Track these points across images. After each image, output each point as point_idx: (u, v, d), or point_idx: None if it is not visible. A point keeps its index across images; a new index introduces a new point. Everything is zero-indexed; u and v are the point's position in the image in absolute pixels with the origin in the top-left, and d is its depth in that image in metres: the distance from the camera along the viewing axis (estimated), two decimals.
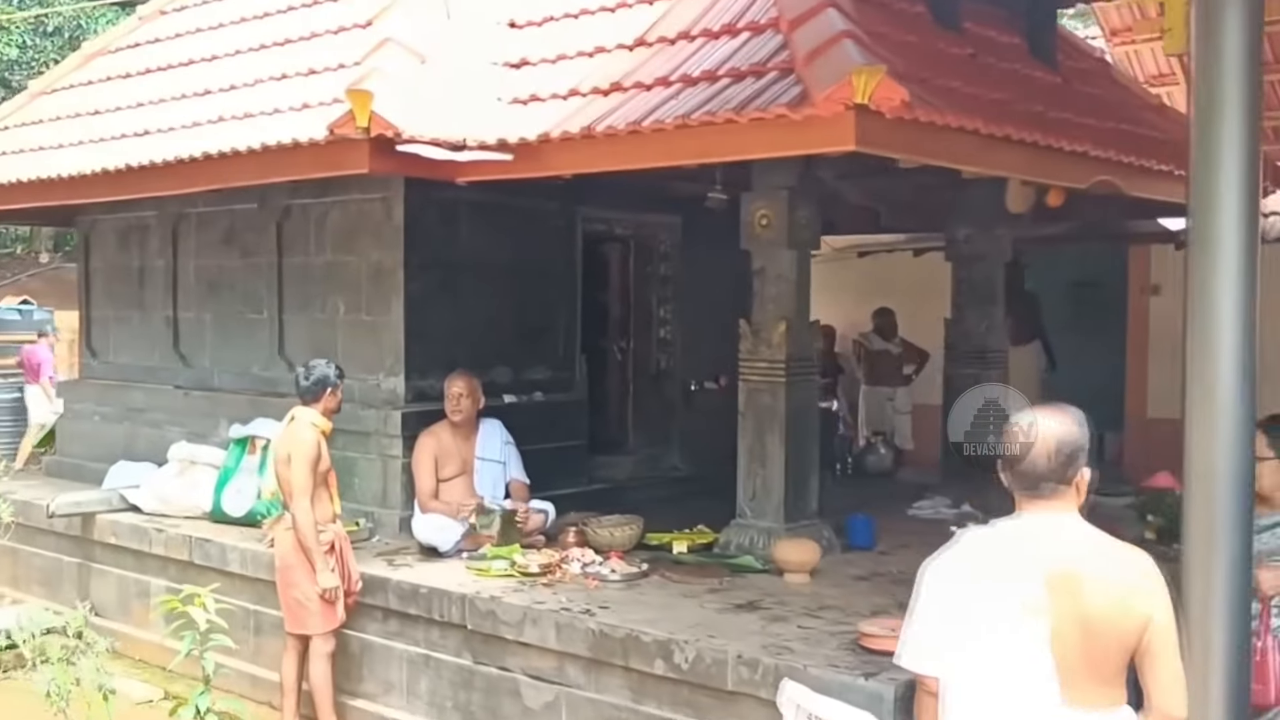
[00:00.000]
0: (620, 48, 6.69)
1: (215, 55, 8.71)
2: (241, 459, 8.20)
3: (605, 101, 6.22)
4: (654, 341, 9.72)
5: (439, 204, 7.85)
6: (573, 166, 6.24)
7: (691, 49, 6.29)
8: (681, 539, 7.25)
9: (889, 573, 6.79)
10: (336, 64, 7.37)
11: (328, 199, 8.17)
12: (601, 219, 9.07)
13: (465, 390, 7.34)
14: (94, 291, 10.23)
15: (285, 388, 8.43)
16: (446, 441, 7.37)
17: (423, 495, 7.26)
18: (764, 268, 7.01)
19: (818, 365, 7.45)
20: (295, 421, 6.44)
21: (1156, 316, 11.64)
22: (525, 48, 7.23)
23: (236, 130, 7.31)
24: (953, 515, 8.44)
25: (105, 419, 9.88)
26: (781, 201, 6.88)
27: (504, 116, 6.60)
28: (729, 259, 9.88)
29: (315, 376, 6.48)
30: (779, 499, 6.95)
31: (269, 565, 7.22)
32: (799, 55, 5.55)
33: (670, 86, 6.03)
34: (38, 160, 8.80)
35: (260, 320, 8.72)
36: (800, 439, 7.03)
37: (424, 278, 7.82)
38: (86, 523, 8.53)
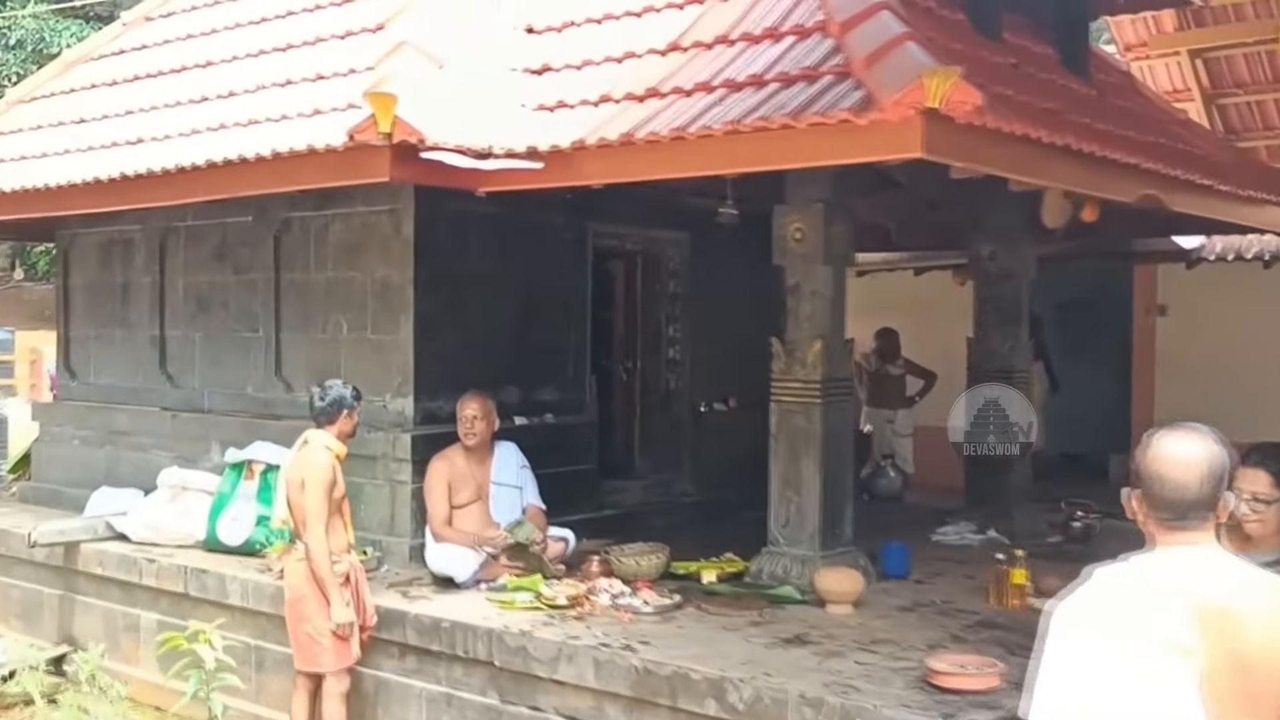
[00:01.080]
0: (652, 53, 6.39)
1: (210, 61, 8.32)
2: (238, 485, 7.78)
3: (642, 108, 5.91)
4: (662, 361, 9.39)
5: (449, 217, 7.50)
6: (608, 175, 5.92)
7: (732, 54, 5.99)
8: (710, 568, 6.92)
9: (932, 603, 6.50)
10: (347, 69, 7.02)
11: (329, 211, 7.80)
12: (611, 234, 8.75)
13: (479, 412, 6.98)
14: (73, 309, 9.76)
15: (282, 409, 8.06)
16: (460, 466, 7.00)
17: (436, 522, 6.89)
18: (798, 284, 6.72)
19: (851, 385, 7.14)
20: (309, 445, 6.05)
21: (1163, 337, 11.48)
22: (546, 53, 6.91)
23: (240, 137, 6.93)
24: (978, 541, 8.19)
25: (85, 443, 9.41)
26: (816, 215, 6.59)
27: (530, 124, 6.27)
28: (739, 276, 9.66)
29: (331, 398, 6.10)
30: (814, 526, 6.64)
31: (272, 597, 6.82)
32: (857, 59, 5.27)
33: (713, 92, 5.73)
34: (19, 170, 8.36)
35: (255, 339, 8.31)
36: (835, 463, 6.74)
37: (434, 294, 7.46)
38: (70, 552, 8.06)
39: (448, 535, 6.81)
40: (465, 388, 7.52)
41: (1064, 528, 8.38)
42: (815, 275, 6.66)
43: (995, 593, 6.41)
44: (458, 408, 7.03)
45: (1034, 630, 5.82)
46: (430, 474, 6.95)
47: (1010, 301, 8.45)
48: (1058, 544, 8.17)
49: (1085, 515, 8.42)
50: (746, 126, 5.25)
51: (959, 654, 5.23)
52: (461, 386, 7.53)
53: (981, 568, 7.33)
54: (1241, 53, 10.23)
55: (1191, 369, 11.13)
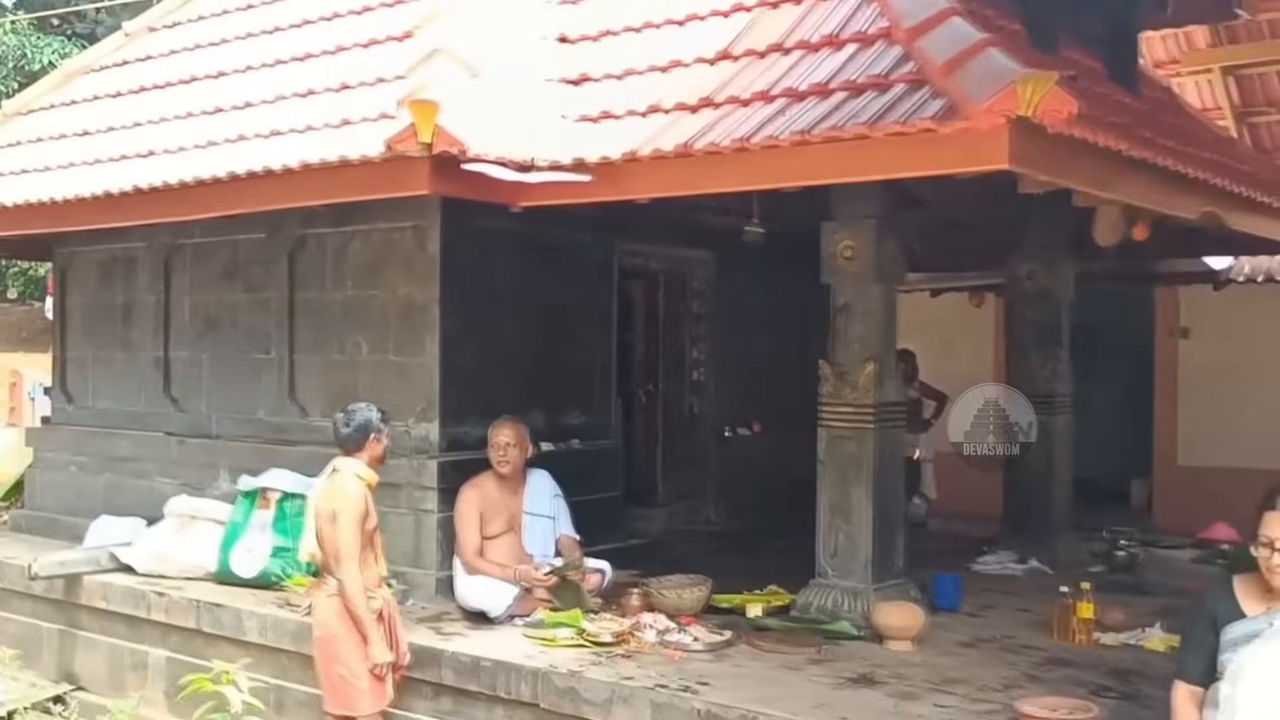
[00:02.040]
0: (700, 62, 6.11)
1: (222, 72, 7.98)
2: (251, 514, 7.41)
3: (695, 118, 5.62)
4: (686, 384, 9.10)
5: (475, 234, 7.18)
6: (661, 189, 5.62)
7: (788, 63, 5.72)
8: (755, 601, 6.60)
9: (994, 638, 6.21)
10: (374, 78, 6.70)
11: (348, 228, 7.47)
12: (637, 253, 8.47)
13: (513, 439, 6.66)
14: (70, 330, 9.38)
15: (296, 435, 7.72)
16: (492, 494, 6.67)
17: (467, 553, 6.54)
18: (848, 303, 6.43)
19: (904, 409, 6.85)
20: (338, 474, 5.70)
21: (1186, 360, 11.26)
22: (583, 63, 6.62)
23: (261, 149, 6.60)
24: (1021, 571, 7.92)
25: (83, 469, 9.01)
26: (868, 232, 6.32)
27: (573, 135, 5.97)
28: (764, 296, 9.40)
29: (357, 422, 5.75)
30: (866, 557, 6.33)
31: (294, 634, 6.47)
32: (932, 66, 5.00)
33: (773, 101, 5.45)
34: (19, 184, 7.99)
35: (267, 361, 7.96)
36: (887, 490, 6.44)
37: (459, 314, 7.13)
38: (71, 584, 7.66)
39: (482, 567, 6.47)
40: (491, 412, 7.21)
41: (1107, 557, 8.11)
42: (867, 294, 6.38)
43: (1060, 627, 6.13)
44: (490, 434, 6.71)
45: (1109, 668, 5.58)
46: (461, 502, 6.62)
47: (1050, 323, 8.20)
48: (1101, 574, 7.89)
49: (1129, 544, 8.16)
50: (817, 137, 4.97)
51: (1044, 696, 4.94)
52: (487, 410, 7.23)
53: (1032, 599, 7.08)
54: (1275, 70, 10.06)
55: (1215, 393, 10.93)
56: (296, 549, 7.11)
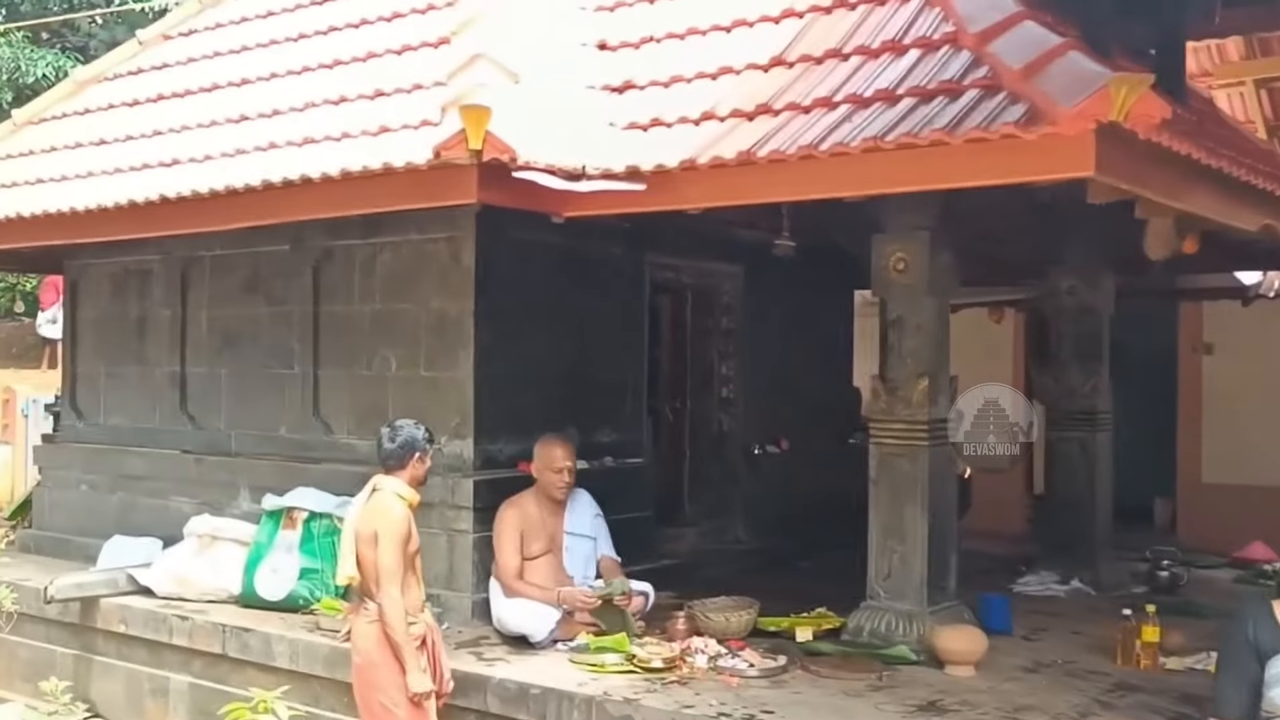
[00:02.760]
0: (752, 68, 5.94)
1: (246, 79, 7.77)
2: (276, 534, 7.17)
3: (753, 126, 5.44)
4: (715, 400, 8.90)
5: (510, 246, 7.00)
6: (718, 197, 5.44)
7: (848, 69, 5.55)
8: (804, 624, 6.40)
9: (1054, 663, 6.03)
10: (411, 85, 6.50)
11: (377, 239, 7.26)
12: (668, 266, 8.27)
13: (572, 459, 6.48)
14: (81, 344, 9.14)
15: (320, 452, 7.50)
16: (532, 514, 6.46)
17: (507, 575, 6.32)
18: (900, 317, 6.25)
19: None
20: (379, 493, 5.47)
21: (1210, 377, 11.12)
22: (626, 70, 6.45)
23: (293, 157, 6.39)
24: (1064, 592, 7.73)
25: (94, 488, 8.76)
26: (921, 243, 6.15)
27: (622, 143, 5.79)
28: (792, 311, 9.22)
29: (401, 439, 5.52)
30: (920, 578, 6.14)
31: (327, 659, 6.24)
32: (1007, 70, 4.83)
33: (835, 108, 5.27)
34: (36, 194, 7.76)
35: (290, 376, 7.74)
36: (941, 510, 6.25)
37: (494, 328, 6.93)
38: (87, 608, 7.41)
39: (522, 590, 6.25)
40: (524, 428, 7.03)
41: (1149, 578, 7.95)
42: (920, 308, 6.20)
43: (1124, 651, 5.94)
44: (543, 453, 6.50)
45: (1180, 694, 5.39)
46: (501, 522, 6.40)
47: (1091, 338, 8.03)
48: (1144, 595, 7.73)
49: (1171, 565, 7.99)
50: (889, 143, 4.79)
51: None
52: (520, 427, 7.04)
53: (1083, 622, 6.92)
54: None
55: (1240, 410, 10.79)
56: (324, 570, 6.94)
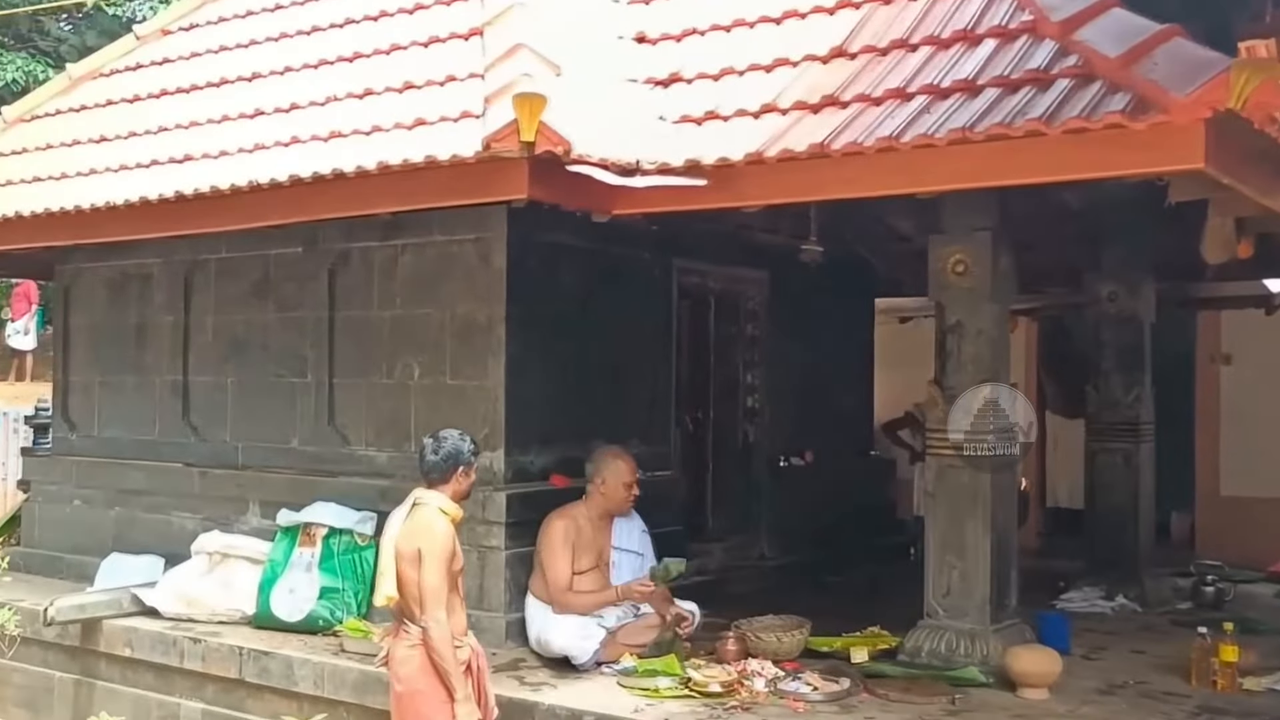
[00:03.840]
0: (810, 60, 5.65)
1: (258, 74, 7.41)
2: (292, 551, 6.81)
3: (819, 119, 5.15)
4: (740, 411, 8.58)
5: (539, 249, 6.69)
6: (787, 193, 5.15)
7: (918, 59, 5.27)
8: (858, 644, 6.10)
9: (1125, 684, 5.75)
10: (444, 76, 6.17)
11: (399, 241, 6.93)
12: (694, 272, 7.96)
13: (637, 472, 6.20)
14: (74, 353, 8.71)
15: (335, 465, 7.15)
16: (584, 527, 6.15)
17: (558, 589, 5.99)
18: (960, 322, 5.97)
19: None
20: (421, 508, 5.10)
21: (1228, 387, 10.92)
22: (669, 63, 6.15)
23: (318, 152, 6.04)
24: (1110, 609, 7.47)
25: (89, 503, 8.34)
26: (982, 245, 5.89)
27: (675, 137, 5.49)
28: (816, 319, 8.93)
29: (446, 450, 5.16)
30: (983, 596, 5.86)
31: (355, 685, 5.90)
32: (1102, 58, 4.57)
33: (910, 100, 4.99)
34: (35, 193, 7.36)
35: (303, 385, 7.37)
36: (1004, 524, 5.97)
37: (525, 334, 6.60)
38: (88, 629, 7.01)
39: (575, 600, 5.93)
40: (554, 440, 6.75)
41: (1194, 593, 7.70)
42: (981, 312, 5.93)
43: (1199, 672, 5.67)
44: (611, 467, 6.22)
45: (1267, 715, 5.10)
46: (551, 534, 6.06)
47: (1133, 347, 7.80)
48: (1190, 611, 7.50)
49: (1217, 579, 7.75)
50: (978, 134, 4.52)
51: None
52: (550, 438, 6.74)
53: (1140, 640, 6.70)
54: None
55: (1259, 421, 10.58)
56: (345, 590, 6.60)
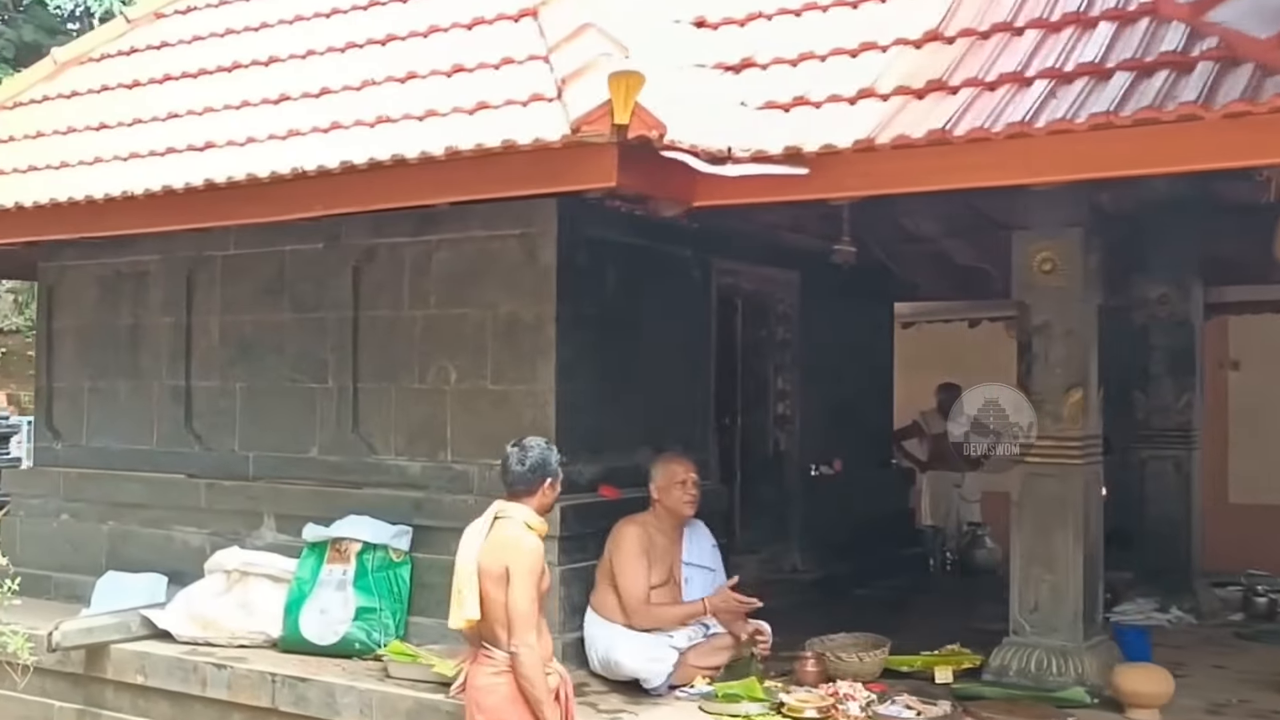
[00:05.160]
0: (901, 44, 5.33)
1: (275, 58, 6.93)
2: (320, 569, 6.33)
3: (926, 105, 4.84)
4: (770, 417, 8.24)
5: (587, 245, 6.30)
6: (898, 183, 4.81)
7: (1028, 43, 4.98)
8: (941, 663, 5.78)
9: (1229, 703, 5.48)
10: (499, 59, 5.76)
11: (433, 236, 6.49)
12: (730, 271, 7.62)
13: (695, 473, 5.83)
14: (58, 357, 8.12)
15: (361, 475, 6.69)
16: (657, 539, 5.77)
17: (635, 601, 5.60)
18: (1048, 322, 5.68)
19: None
20: (506, 522, 4.71)
21: (1237, 393, 10.82)
22: (738, 48, 5.80)
23: (368, 138, 5.59)
24: (1165, 620, 7.22)
25: (78, 517, 7.76)
26: (1073, 242, 5.62)
27: (765, 124, 5.14)
28: (845, 322, 8.64)
29: (533, 460, 4.77)
30: (1075, 611, 5.57)
31: (409, 714, 5.48)
32: (1248, 40, 4.31)
33: (1029, 84, 4.70)
34: (31, 183, 6.82)
35: (323, 390, 6.89)
36: (1095, 534, 5.70)
37: (574, 335, 6.20)
38: (94, 655, 6.47)
39: (655, 613, 5.56)
40: (602, 448, 6.41)
41: (1245, 603, 7.51)
42: (1071, 313, 5.65)
43: None
44: (663, 471, 5.88)
45: None
46: (625, 541, 5.67)
47: (1184, 351, 7.58)
48: (1245, 622, 7.30)
49: (1268, 589, 7.56)
50: (1125, 119, 4.23)
51: None
52: (598, 447, 6.38)
53: (1213, 654, 6.46)
54: None
55: (1268, 428, 10.49)
56: (382, 610, 6.15)
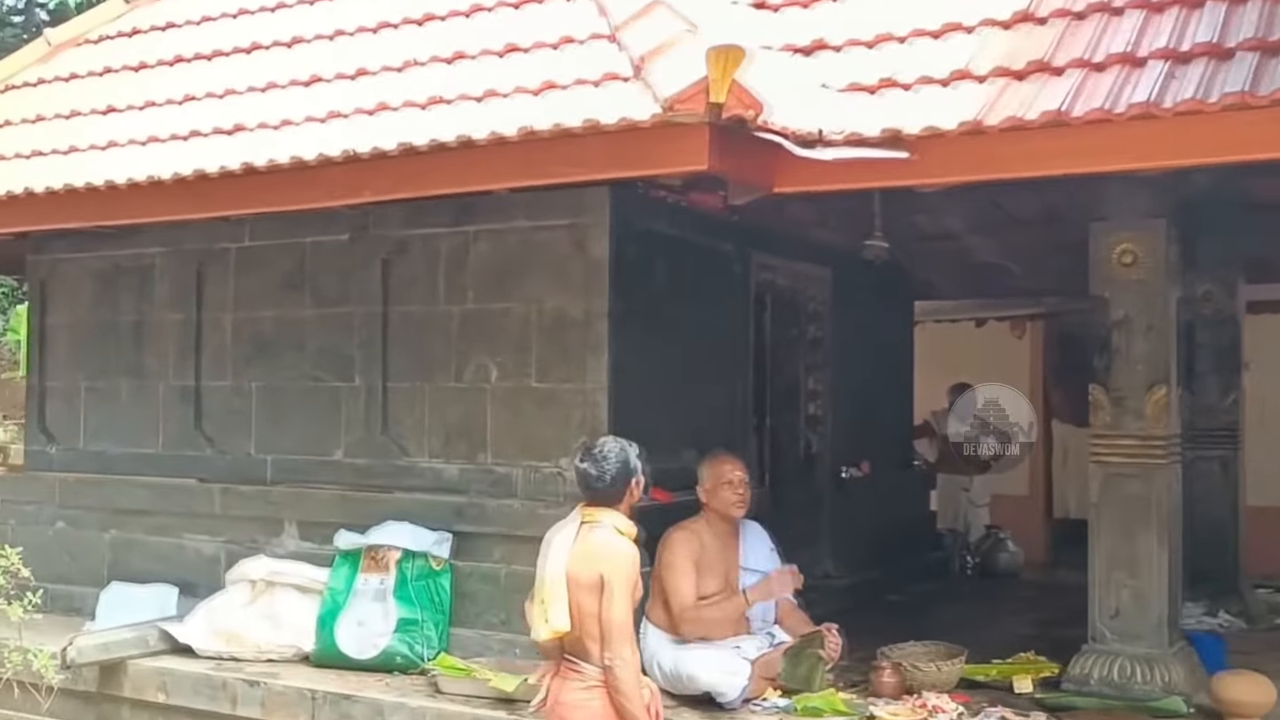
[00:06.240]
0: (987, 24, 5.10)
1: (298, 38, 6.57)
2: (354, 579, 5.99)
3: (1030, 86, 4.60)
4: (801, 419, 7.98)
5: (636, 238, 6.03)
6: (1006, 167, 4.54)
7: (1131, 24, 4.76)
8: (1019, 672, 5.55)
9: None
10: (558, 38, 5.45)
11: (471, 227, 6.18)
12: (769, 267, 7.36)
13: (744, 471, 5.53)
14: (51, 355, 7.68)
15: (390, 479, 6.36)
16: (709, 545, 5.47)
17: (680, 612, 5.30)
18: (1128, 317, 5.47)
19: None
20: (595, 528, 4.38)
21: (1252, 394, 10.70)
22: (807, 29, 5.52)
23: (418, 120, 5.27)
24: (1217, 625, 7.06)
25: (76, 525, 7.33)
26: (1155, 233, 5.42)
27: (852, 106, 4.87)
28: (873, 320, 8.41)
29: (616, 465, 4.43)
30: (1160, 617, 5.36)
31: None
32: None
33: (1141, 65, 4.48)
34: (38, 169, 6.40)
35: (349, 390, 6.54)
36: (1179, 537, 5.50)
37: (626, 331, 5.91)
38: (109, 672, 6.07)
39: (705, 616, 5.29)
40: (652, 450, 5.90)
41: None
42: (1153, 307, 5.44)
43: None
44: (711, 470, 5.58)
45: None
46: (673, 548, 5.38)
47: (1230, 349, 7.45)
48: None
49: None
50: (1262, 98, 4.01)
51: None
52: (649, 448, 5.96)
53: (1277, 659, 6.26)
54: None
55: None
56: (424, 622, 5.81)
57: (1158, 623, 5.37)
